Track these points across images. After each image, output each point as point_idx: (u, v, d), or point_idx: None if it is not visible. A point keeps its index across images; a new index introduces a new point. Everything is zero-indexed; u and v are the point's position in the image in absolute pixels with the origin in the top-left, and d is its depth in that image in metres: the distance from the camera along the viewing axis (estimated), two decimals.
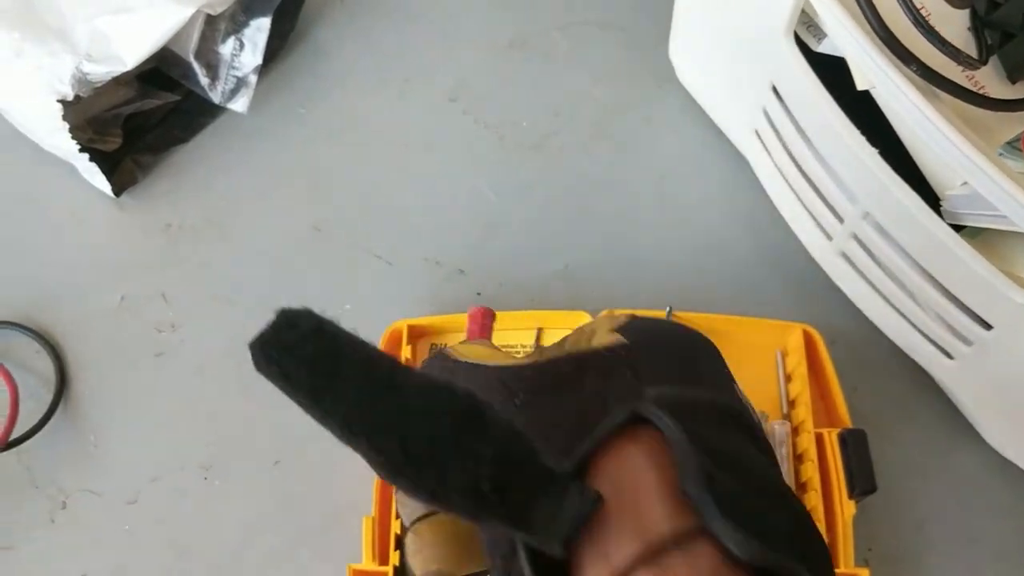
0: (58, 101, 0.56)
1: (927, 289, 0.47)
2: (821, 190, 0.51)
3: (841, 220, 0.51)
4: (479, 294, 0.58)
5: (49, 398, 0.55)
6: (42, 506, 0.53)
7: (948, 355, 0.50)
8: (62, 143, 0.58)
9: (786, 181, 0.55)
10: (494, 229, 0.60)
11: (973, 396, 0.52)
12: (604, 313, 0.51)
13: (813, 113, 0.49)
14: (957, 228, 0.44)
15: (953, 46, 0.39)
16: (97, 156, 0.60)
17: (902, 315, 0.51)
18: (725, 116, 0.61)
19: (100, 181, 0.60)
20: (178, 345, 0.57)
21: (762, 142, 0.56)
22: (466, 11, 0.69)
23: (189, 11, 0.58)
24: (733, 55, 0.56)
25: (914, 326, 0.51)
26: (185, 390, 0.56)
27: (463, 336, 0.55)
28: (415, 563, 0.35)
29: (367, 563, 0.48)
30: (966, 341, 0.47)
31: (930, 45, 0.40)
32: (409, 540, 0.36)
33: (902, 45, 0.39)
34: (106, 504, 0.53)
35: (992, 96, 0.41)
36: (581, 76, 0.66)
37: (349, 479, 0.52)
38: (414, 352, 0.54)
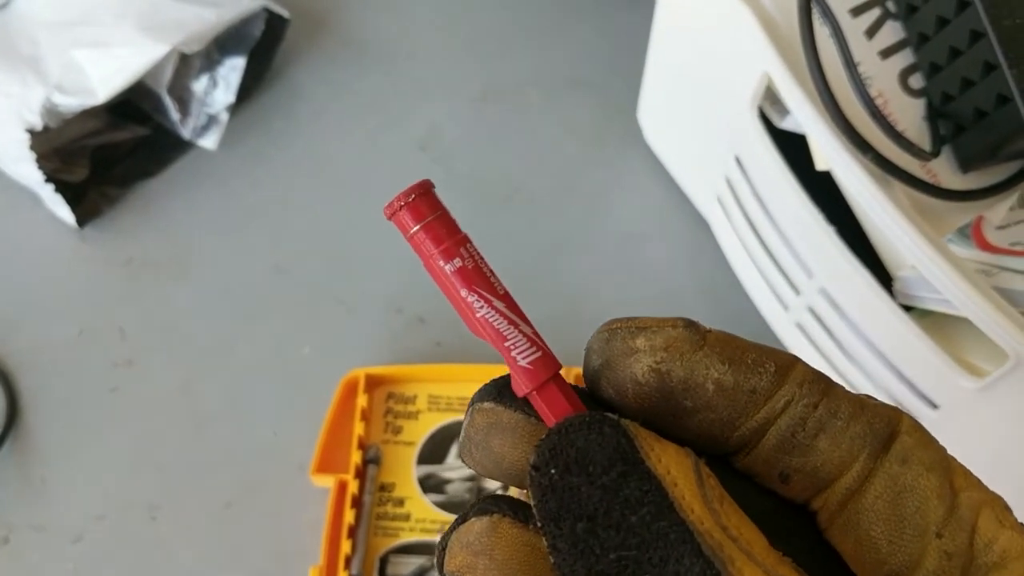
0: (26, 131, 0.56)
1: (877, 366, 0.48)
2: (779, 262, 0.52)
3: (798, 292, 0.52)
4: (439, 344, 0.58)
5: None
6: None
7: None
8: (27, 172, 0.58)
9: (746, 250, 0.56)
10: None
11: None
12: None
13: (773, 187, 0.50)
14: (908, 308, 0.45)
15: (906, 139, 0.41)
16: (62, 186, 0.59)
17: (854, 389, 0.52)
18: (690, 181, 0.62)
19: (64, 212, 0.60)
20: (133, 381, 0.57)
21: (724, 210, 0.57)
22: (442, 61, 0.70)
23: (164, 49, 0.58)
24: (699, 123, 0.57)
25: None
26: (138, 427, 0.56)
27: (422, 386, 0.55)
28: None
29: None
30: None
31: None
32: None
33: (859, 135, 0.40)
34: (50, 541, 0.53)
35: (944, 185, 0.42)
36: (552, 132, 0.67)
37: (299, 526, 0.52)
38: (370, 402, 0.54)
